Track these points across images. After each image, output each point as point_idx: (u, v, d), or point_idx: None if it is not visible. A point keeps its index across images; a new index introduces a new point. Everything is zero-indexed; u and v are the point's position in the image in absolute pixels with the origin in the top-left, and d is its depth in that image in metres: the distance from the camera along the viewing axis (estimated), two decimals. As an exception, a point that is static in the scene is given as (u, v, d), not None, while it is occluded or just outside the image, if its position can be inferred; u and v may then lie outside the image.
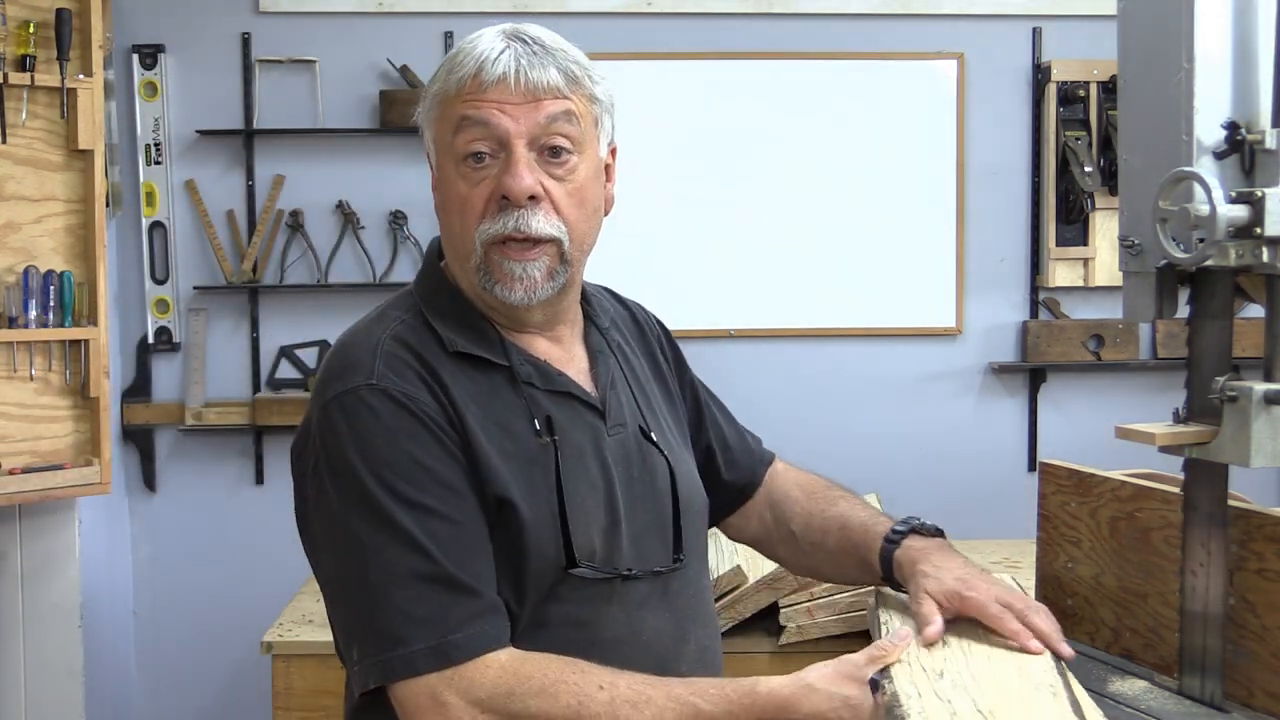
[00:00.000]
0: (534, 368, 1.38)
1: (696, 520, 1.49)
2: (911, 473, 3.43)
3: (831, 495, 1.62)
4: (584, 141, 1.35)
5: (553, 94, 1.31)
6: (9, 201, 2.70)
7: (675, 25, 3.46)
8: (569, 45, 1.36)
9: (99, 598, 3.21)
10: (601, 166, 1.40)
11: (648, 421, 1.45)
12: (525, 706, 1.19)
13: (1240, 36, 1.23)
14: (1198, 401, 1.28)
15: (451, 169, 1.34)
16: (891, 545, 1.47)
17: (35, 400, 2.75)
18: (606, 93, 1.39)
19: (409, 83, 3.39)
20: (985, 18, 3.48)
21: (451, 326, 1.36)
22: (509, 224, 1.31)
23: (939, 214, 3.49)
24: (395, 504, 1.24)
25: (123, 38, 3.38)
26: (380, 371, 1.29)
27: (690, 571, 1.45)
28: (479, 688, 1.20)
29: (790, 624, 2.33)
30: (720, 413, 1.67)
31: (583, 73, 1.35)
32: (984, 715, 1.16)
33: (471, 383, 1.34)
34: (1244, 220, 1.18)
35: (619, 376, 1.46)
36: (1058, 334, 3.47)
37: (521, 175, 1.30)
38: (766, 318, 3.45)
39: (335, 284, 3.41)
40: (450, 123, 1.33)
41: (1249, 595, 1.28)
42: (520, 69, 1.30)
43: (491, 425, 1.32)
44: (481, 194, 1.32)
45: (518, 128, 1.30)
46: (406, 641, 1.21)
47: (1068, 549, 1.56)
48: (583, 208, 1.35)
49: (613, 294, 1.62)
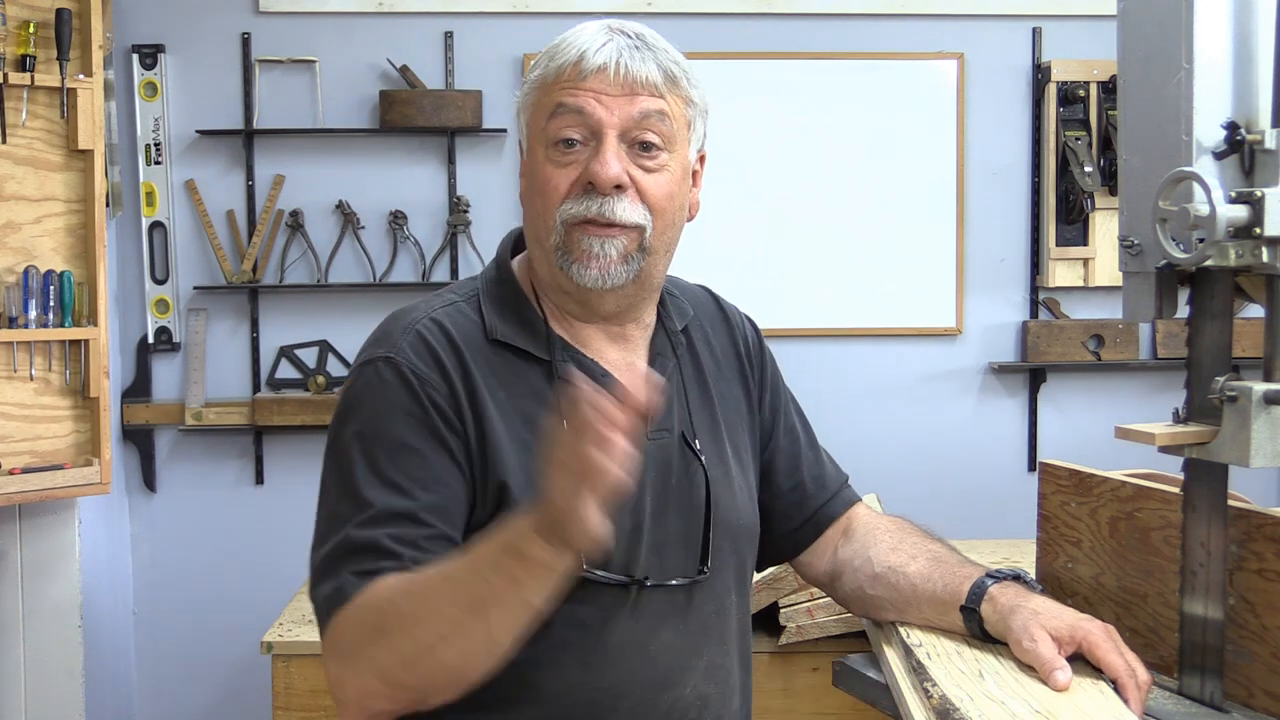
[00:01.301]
0: (576, 364, 1.37)
1: (735, 536, 1.44)
2: (911, 473, 3.43)
3: (929, 535, 1.54)
4: (675, 141, 1.35)
5: (650, 90, 1.32)
6: (9, 201, 2.70)
7: (675, 25, 3.45)
8: (671, 46, 1.37)
9: (99, 598, 3.21)
10: (690, 169, 1.40)
11: (695, 428, 1.42)
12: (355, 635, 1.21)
13: (1240, 36, 1.23)
14: (1197, 401, 1.28)
15: (541, 153, 1.34)
16: (991, 580, 1.39)
17: (35, 400, 2.75)
18: (703, 97, 1.39)
19: (409, 83, 3.39)
20: (985, 18, 3.48)
21: (500, 315, 1.37)
22: (592, 208, 1.31)
23: (939, 214, 3.49)
24: (366, 473, 1.26)
25: (123, 38, 3.38)
26: (402, 347, 1.31)
27: (717, 587, 1.41)
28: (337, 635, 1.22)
29: (790, 624, 2.33)
30: (805, 437, 1.59)
31: (681, 73, 1.36)
32: (1043, 715, 1.16)
33: (506, 371, 1.34)
34: (1244, 220, 1.18)
35: (675, 381, 1.43)
36: (1058, 334, 3.47)
37: (609, 162, 1.30)
38: (766, 317, 3.39)
39: (335, 284, 3.41)
40: (546, 108, 1.33)
41: (1249, 595, 1.28)
42: (621, 61, 1.31)
43: (515, 415, 1.32)
44: (568, 176, 1.32)
45: (611, 117, 1.31)
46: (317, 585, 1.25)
47: (1068, 549, 1.56)
48: (671, 200, 1.36)
49: (711, 294, 1.60)
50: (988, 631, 1.37)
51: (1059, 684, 1.23)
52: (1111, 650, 1.26)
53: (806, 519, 1.56)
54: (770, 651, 2.35)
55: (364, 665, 1.19)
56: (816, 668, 2.34)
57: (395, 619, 1.17)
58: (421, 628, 1.16)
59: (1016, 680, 1.25)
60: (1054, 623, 1.29)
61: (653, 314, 1.46)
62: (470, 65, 3.41)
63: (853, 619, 2.28)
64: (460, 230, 3.39)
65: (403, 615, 1.17)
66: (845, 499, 1.58)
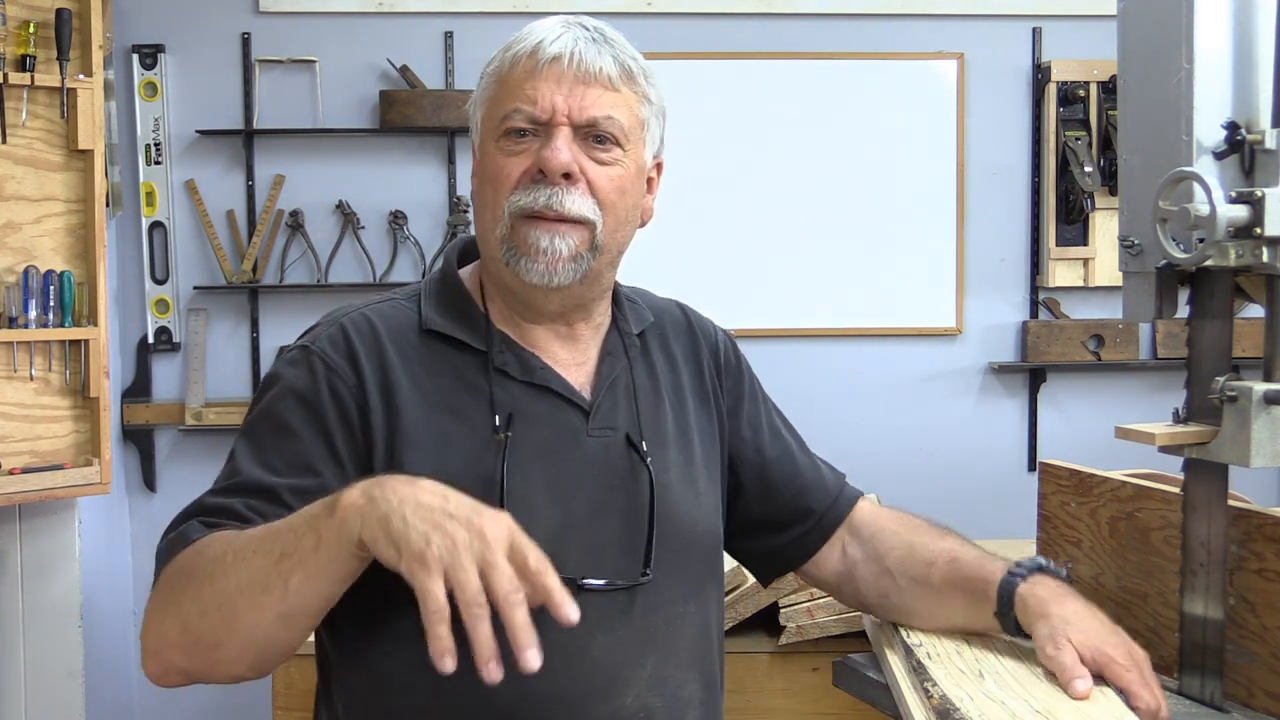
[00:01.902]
0: (514, 356, 1.34)
1: (688, 544, 1.39)
2: (911, 473, 3.43)
3: (938, 529, 1.50)
4: (630, 138, 1.32)
5: (604, 83, 1.30)
6: (9, 201, 2.69)
7: (675, 25, 3.46)
8: (629, 44, 1.36)
9: (99, 598, 3.21)
10: (645, 171, 1.37)
11: (644, 431, 1.38)
12: (166, 581, 1.21)
13: (1240, 36, 1.23)
14: (1197, 401, 1.28)
15: (492, 145, 1.32)
16: (1016, 579, 1.35)
17: (35, 400, 2.75)
18: (660, 98, 1.37)
19: (409, 83, 3.39)
20: (985, 18, 3.49)
21: (438, 308, 1.36)
22: (540, 198, 1.28)
23: (939, 214, 3.49)
24: (246, 448, 1.29)
25: (123, 38, 3.38)
26: (320, 338, 1.33)
27: (665, 595, 1.35)
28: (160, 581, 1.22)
29: (790, 624, 2.32)
30: (796, 443, 1.56)
31: (639, 70, 1.34)
32: (1043, 715, 1.16)
33: (436, 362, 1.32)
34: (1244, 220, 1.18)
35: (624, 381, 1.40)
36: (1058, 334, 3.47)
37: (559, 149, 1.27)
38: (766, 318, 3.45)
39: (335, 284, 3.41)
40: (499, 97, 1.32)
41: (1249, 595, 1.28)
42: (577, 51, 1.30)
43: (440, 405, 1.30)
44: (518, 166, 1.29)
45: (563, 107, 1.28)
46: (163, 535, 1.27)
47: (1068, 549, 1.56)
48: (623, 196, 1.32)
49: (681, 308, 1.56)
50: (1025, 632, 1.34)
51: (1078, 693, 1.20)
52: (1136, 680, 1.22)
53: (813, 524, 1.52)
54: (770, 651, 2.35)
55: (169, 609, 1.18)
56: (816, 668, 2.34)
57: (208, 564, 1.16)
58: (227, 575, 1.13)
59: (1017, 680, 1.25)
60: (1080, 638, 1.26)
61: (605, 314, 1.43)
62: (470, 65, 3.41)
63: (853, 619, 2.28)
64: (460, 230, 3.39)
65: (215, 560, 1.15)
66: (848, 498, 1.55)
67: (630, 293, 1.50)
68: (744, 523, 1.52)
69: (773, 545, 1.53)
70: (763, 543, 1.54)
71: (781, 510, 1.52)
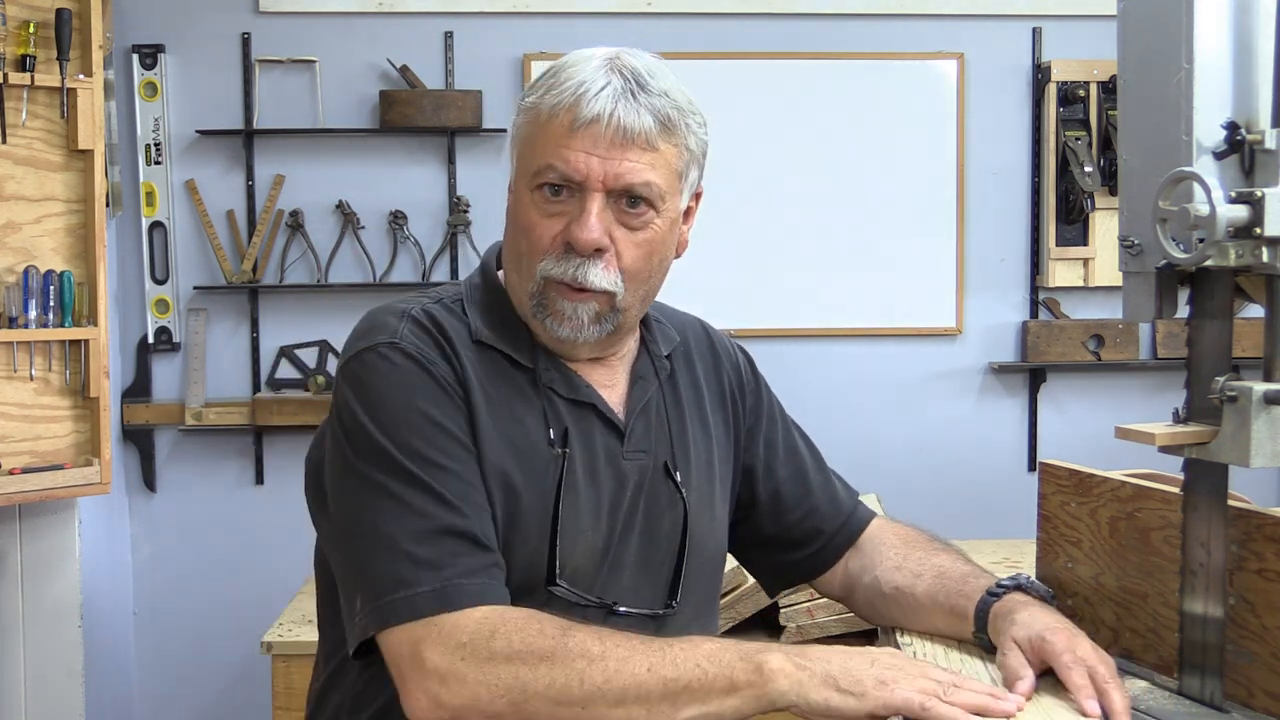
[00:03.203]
0: (559, 374, 1.36)
1: (702, 569, 1.43)
2: (911, 473, 3.43)
3: (934, 545, 1.52)
4: (665, 194, 1.33)
5: (642, 144, 1.29)
6: (9, 201, 2.70)
7: (675, 25, 3.45)
8: (674, 84, 1.35)
9: (99, 598, 3.21)
10: (678, 221, 1.38)
11: (676, 458, 1.40)
12: (508, 643, 1.14)
13: (1240, 36, 1.23)
14: (1197, 401, 1.27)
15: (527, 193, 1.32)
16: (992, 598, 1.37)
17: (35, 400, 2.75)
18: (700, 142, 1.37)
19: (409, 83, 3.39)
20: (985, 18, 3.49)
21: (485, 320, 1.36)
22: (568, 271, 1.30)
23: (939, 214, 3.49)
24: (407, 457, 1.23)
25: (123, 38, 3.38)
26: (403, 333, 1.30)
27: (681, 620, 1.38)
28: (463, 631, 1.16)
29: (790, 624, 2.33)
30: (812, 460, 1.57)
31: (680, 118, 1.33)
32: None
33: (490, 374, 1.33)
34: (1244, 220, 1.18)
35: (656, 404, 1.42)
36: (1058, 334, 3.47)
37: (591, 227, 1.28)
38: (766, 318, 3.45)
39: (335, 284, 3.41)
40: (534, 148, 1.31)
41: (1249, 595, 1.28)
42: (616, 113, 1.28)
43: (503, 412, 1.31)
44: (551, 229, 1.30)
45: (597, 174, 1.28)
46: (412, 584, 1.18)
47: (1068, 549, 1.56)
48: (648, 260, 1.34)
49: (704, 326, 1.58)
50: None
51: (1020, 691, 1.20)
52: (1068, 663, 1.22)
53: (823, 545, 1.53)
54: (770, 651, 2.35)
55: (505, 678, 1.13)
56: (816, 668, 2.33)
57: (576, 657, 1.13)
58: (605, 680, 1.12)
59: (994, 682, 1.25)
60: (1021, 633, 1.27)
61: (632, 343, 1.45)
62: (470, 65, 3.41)
63: (853, 619, 2.27)
64: (460, 230, 3.39)
65: (588, 657, 1.13)
66: (859, 520, 1.56)
67: (656, 312, 1.50)
68: (756, 539, 1.54)
69: (782, 562, 1.55)
70: (772, 559, 1.56)
71: (793, 530, 1.53)
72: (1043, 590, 1.40)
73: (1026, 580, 1.40)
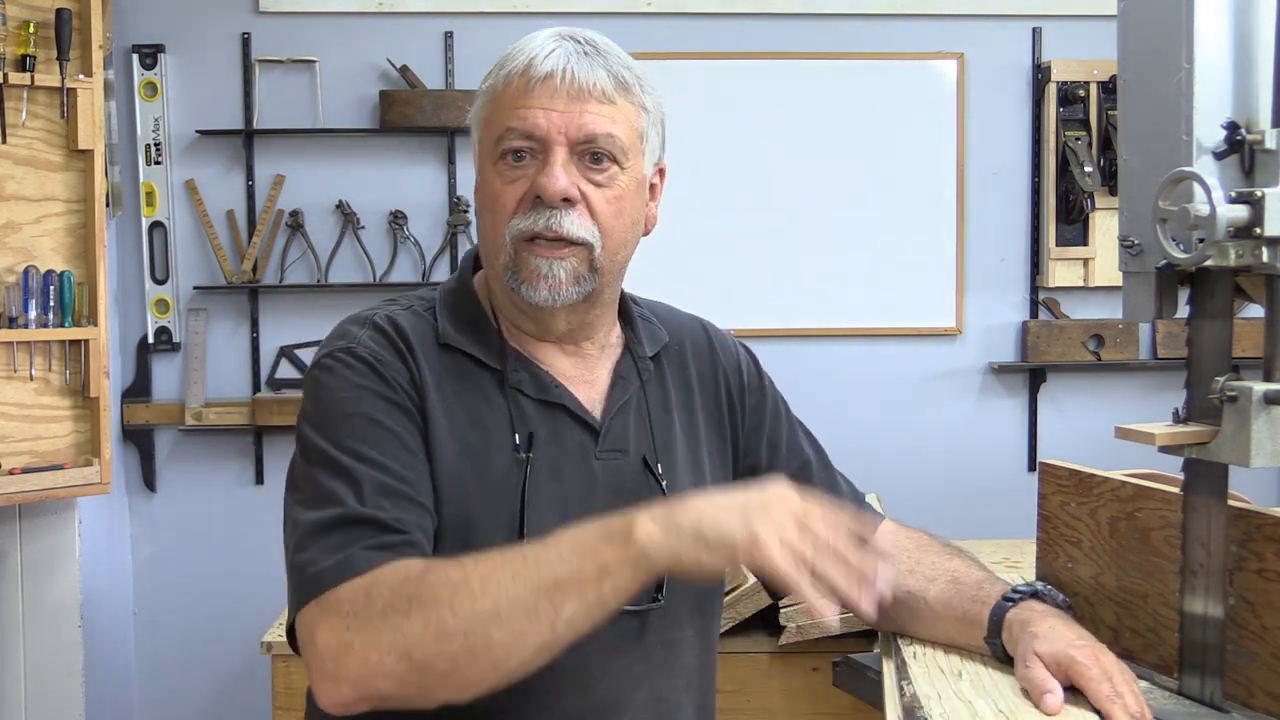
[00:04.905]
0: (529, 374, 1.35)
1: None
2: (911, 473, 3.43)
3: (947, 550, 1.51)
4: (628, 151, 1.32)
5: (599, 96, 1.29)
6: (9, 201, 2.70)
7: (675, 25, 3.46)
8: (623, 52, 1.34)
9: (99, 598, 3.21)
10: (645, 181, 1.36)
11: (659, 454, 1.39)
12: (380, 598, 1.12)
13: (1240, 36, 1.23)
14: (1197, 401, 1.27)
15: (490, 166, 1.32)
16: (1008, 604, 1.35)
17: (35, 400, 2.75)
18: (657, 104, 1.36)
19: (409, 83, 3.39)
20: (985, 18, 3.48)
21: (454, 323, 1.35)
22: (539, 222, 1.28)
23: (939, 214, 3.49)
24: (341, 453, 1.23)
25: (123, 38, 3.38)
26: (362, 338, 1.31)
27: (668, 618, 1.36)
28: (344, 602, 1.14)
29: (790, 624, 2.33)
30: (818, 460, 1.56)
31: (634, 79, 1.32)
32: (1004, 715, 1.16)
33: (454, 378, 1.32)
34: (1244, 220, 1.18)
35: (637, 403, 1.40)
36: (1058, 334, 3.47)
37: (557, 176, 1.27)
38: (766, 318, 3.45)
39: (335, 284, 3.41)
40: (494, 120, 1.31)
41: (1249, 595, 1.28)
42: (569, 68, 1.28)
43: (460, 418, 1.30)
44: (516, 191, 1.30)
45: (558, 128, 1.28)
46: (316, 563, 1.18)
47: (1068, 549, 1.56)
48: (620, 217, 1.32)
49: (704, 326, 1.55)
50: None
51: (1050, 707, 1.19)
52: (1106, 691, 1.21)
53: None
54: (770, 651, 2.36)
55: (385, 634, 1.10)
56: (816, 668, 2.34)
57: (439, 588, 1.11)
58: (475, 601, 1.09)
59: (994, 683, 1.25)
60: (1045, 647, 1.26)
61: (611, 334, 1.43)
62: (470, 65, 3.41)
63: (853, 618, 2.28)
64: (460, 230, 3.39)
65: (451, 585, 1.10)
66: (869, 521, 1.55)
67: (648, 311, 1.49)
68: None
69: None
70: None
71: None
72: (1060, 599, 1.39)
73: (1045, 589, 1.39)
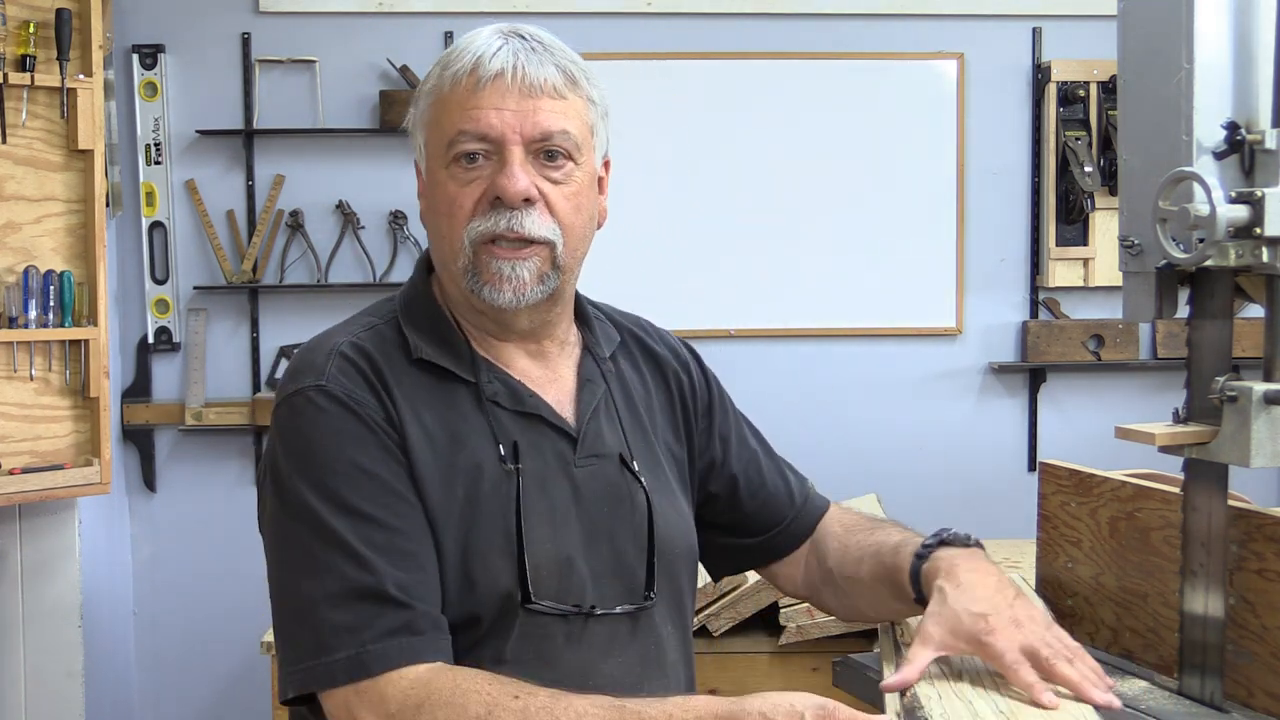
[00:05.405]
0: (503, 385, 1.33)
1: (675, 562, 1.40)
2: (911, 473, 3.43)
3: (870, 526, 1.51)
4: (581, 146, 1.31)
5: (550, 93, 1.27)
6: (9, 201, 2.70)
7: (675, 25, 3.46)
8: (566, 46, 1.33)
9: (99, 598, 3.21)
10: (595, 176, 1.36)
11: (632, 451, 1.38)
12: (433, 717, 1.13)
13: (1240, 36, 1.23)
14: (1198, 401, 1.28)
15: (441, 170, 1.29)
16: (920, 560, 1.36)
17: (35, 400, 2.75)
18: (603, 97, 1.35)
19: (409, 83, 3.39)
20: (985, 18, 3.49)
21: (422, 335, 1.33)
22: (500, 223, 1.26)
23: (939, 214, 3.49)
24: (331, 510, 1.20)
25: (123, 38, 3.38)
26: (331, 374, 1.27)
27: (656, 616, 1.36)
28: (390, 701, 1.15)
29: (790, 624, 2.33)
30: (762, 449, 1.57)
31: (580, 73, 1.31)
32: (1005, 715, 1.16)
33: (431, 393, 1.30)
34: (1244, 220, 1.18)
35: (606, 406, 1.40)
36: (1058, 334, 3.47)
37: (517, 176, 1.25)
38: (766, 318, 3.45)
39: (335, 284, 3.41)
40: (443, 122, 1.28)
41: (1249, 595, 1.28)
42: (518, 65, 1.26)
43: (441, 437, 1.28)
44: (472, 194, 1.27)
45: (513, 127, 1.26)
46: (329, 650, 1.17)
47: (1068, 549, 1.56)
48: (579, 213, 1.31)
49: (646, 324, 1.55)
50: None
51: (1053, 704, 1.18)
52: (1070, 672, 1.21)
53: (782, 529, 1.53)
54: (770, 651, 2.35)
55: None
56: (816, 668, 2.34)
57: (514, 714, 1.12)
58: None
59: (994, 682, 1.25)
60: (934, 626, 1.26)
61: (569, 332, 1.42)
62: (470, 65, 3.41)
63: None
64: (460, 230, 3.39)
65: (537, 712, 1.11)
66: (815, 508, 1.56)
67: (594, 311, 1.48)
68: (715, 527, 1.53)
69: (735, 544, 1.54)
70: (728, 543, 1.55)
71: (749, 519, 1.53)
72: (965, 536, 1.38)
73: (950, 534, 1.39)
